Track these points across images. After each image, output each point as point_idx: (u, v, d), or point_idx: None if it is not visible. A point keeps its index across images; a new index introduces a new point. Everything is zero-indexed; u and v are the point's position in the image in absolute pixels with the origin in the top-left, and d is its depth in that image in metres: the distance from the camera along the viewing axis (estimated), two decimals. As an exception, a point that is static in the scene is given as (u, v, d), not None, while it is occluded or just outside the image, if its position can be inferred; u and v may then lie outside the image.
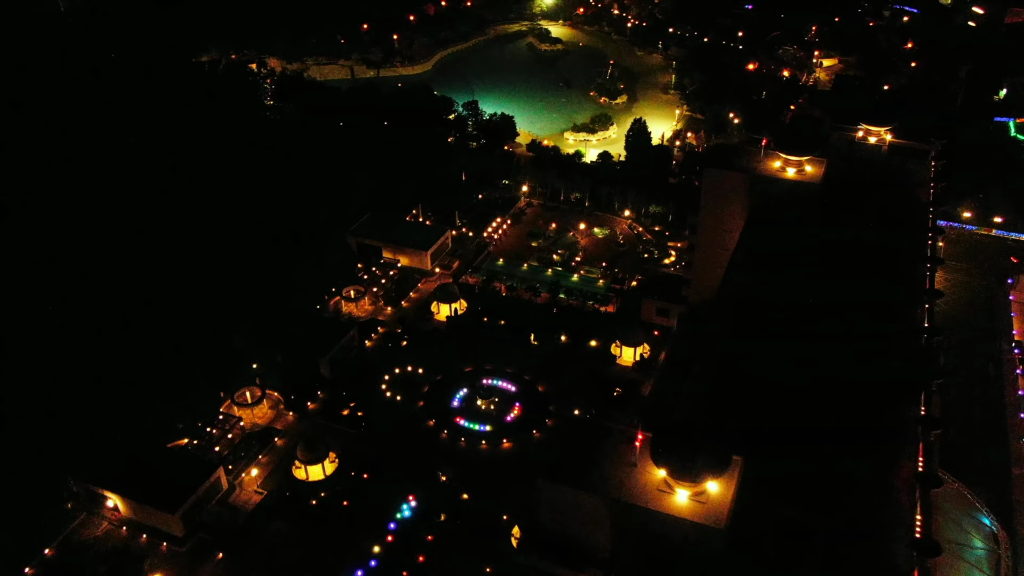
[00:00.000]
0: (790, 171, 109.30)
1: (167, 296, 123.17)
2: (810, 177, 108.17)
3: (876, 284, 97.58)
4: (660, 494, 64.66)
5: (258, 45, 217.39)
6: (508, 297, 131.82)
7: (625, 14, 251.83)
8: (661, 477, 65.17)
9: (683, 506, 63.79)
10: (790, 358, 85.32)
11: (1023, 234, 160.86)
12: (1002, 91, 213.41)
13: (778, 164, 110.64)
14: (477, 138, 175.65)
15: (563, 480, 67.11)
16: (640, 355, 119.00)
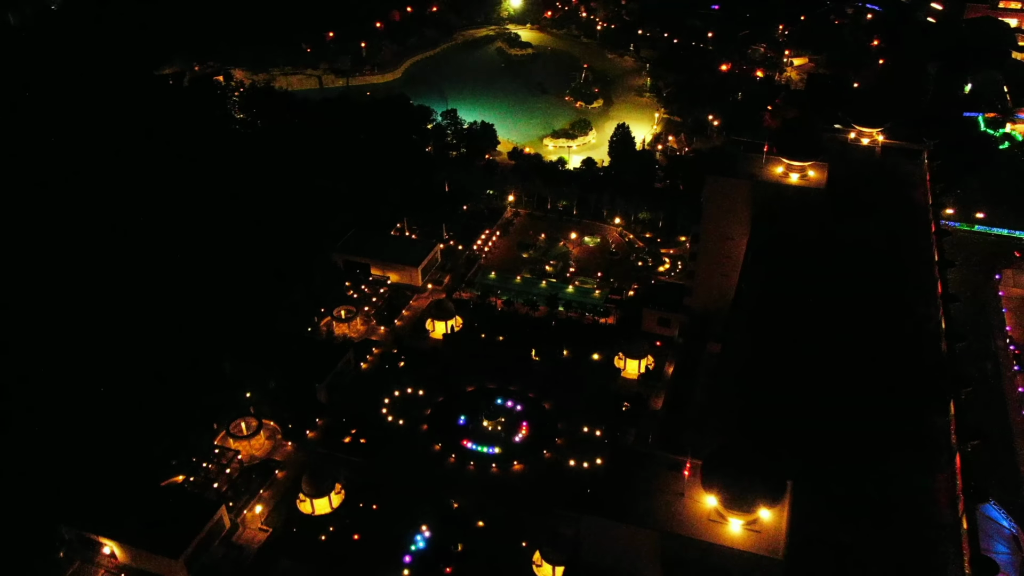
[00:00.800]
0: (793, 176, 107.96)
1: (149, 325, 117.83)
2: (814, 182, 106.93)
3: (888, 291, 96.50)
4: (712, 524, 62.04)
5: (222, 56, 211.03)
6: (505, 312, 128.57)
7: (593, 16, 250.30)
8: (712, 506, 62.56)
9: (737, 536, 61.28)
10: (813, 371, 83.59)
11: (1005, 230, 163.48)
12: (967, 86, 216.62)
13: (780, 170, 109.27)
14: (457, 147, 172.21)
15: (608, 514, 64.08)
16: (645, 367, 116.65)
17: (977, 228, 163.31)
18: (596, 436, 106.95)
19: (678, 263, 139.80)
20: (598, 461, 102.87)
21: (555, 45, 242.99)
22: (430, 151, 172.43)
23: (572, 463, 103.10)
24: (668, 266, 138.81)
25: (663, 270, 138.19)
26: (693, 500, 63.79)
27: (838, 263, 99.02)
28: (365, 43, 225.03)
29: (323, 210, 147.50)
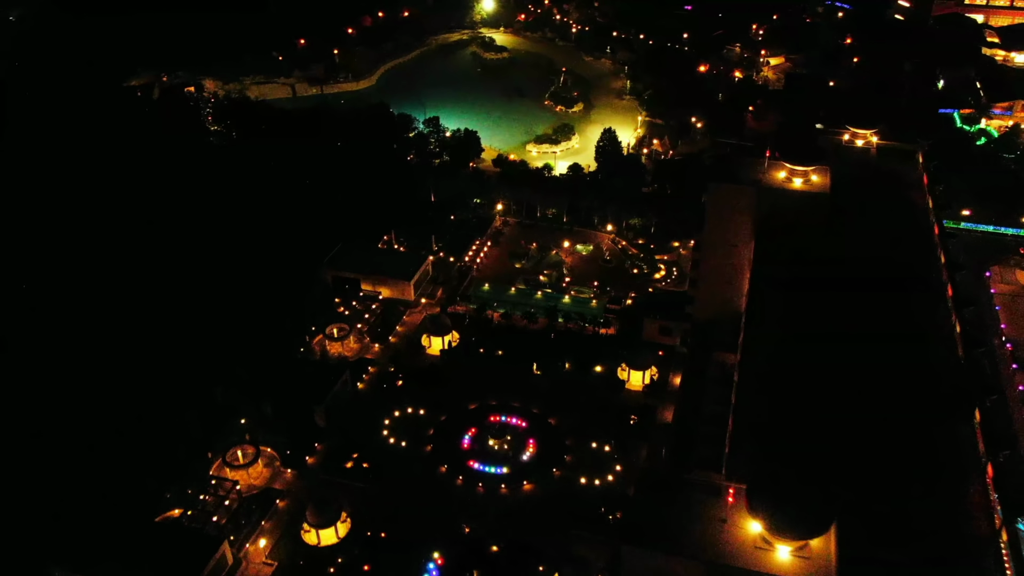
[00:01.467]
0: (797, 181, 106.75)
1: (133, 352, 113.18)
2: (818, 187, 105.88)
3: (899, 297, 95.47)
4: (759, 552, 59.82)
5: (191, 66, 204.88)
6: (502, 325, 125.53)
7: (567, 19, 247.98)
8: (757, 533, 60.34)
9: (786, 564, 59.23)
10: (835, 385, 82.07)
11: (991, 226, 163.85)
12: (939, 82, 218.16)
13: (783, 175, 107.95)
14: (440, 155, 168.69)
15: (650, 545, 61.57)
16: (650, 378, 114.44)
17: (963, 226, 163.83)
18: (605, 451, 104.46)
19: (673, 269, 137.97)
20: (609, 478, 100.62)
21: (530, 49, 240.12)
22: (411, 160, 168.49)
23: (583, 481, 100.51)
24: (664, 273, 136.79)
25: (659, 277, 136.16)
26: (736, 527, 61.62)
27: (846, 269, 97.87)
28: (338, 50, 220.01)
29: (307, 224, 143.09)
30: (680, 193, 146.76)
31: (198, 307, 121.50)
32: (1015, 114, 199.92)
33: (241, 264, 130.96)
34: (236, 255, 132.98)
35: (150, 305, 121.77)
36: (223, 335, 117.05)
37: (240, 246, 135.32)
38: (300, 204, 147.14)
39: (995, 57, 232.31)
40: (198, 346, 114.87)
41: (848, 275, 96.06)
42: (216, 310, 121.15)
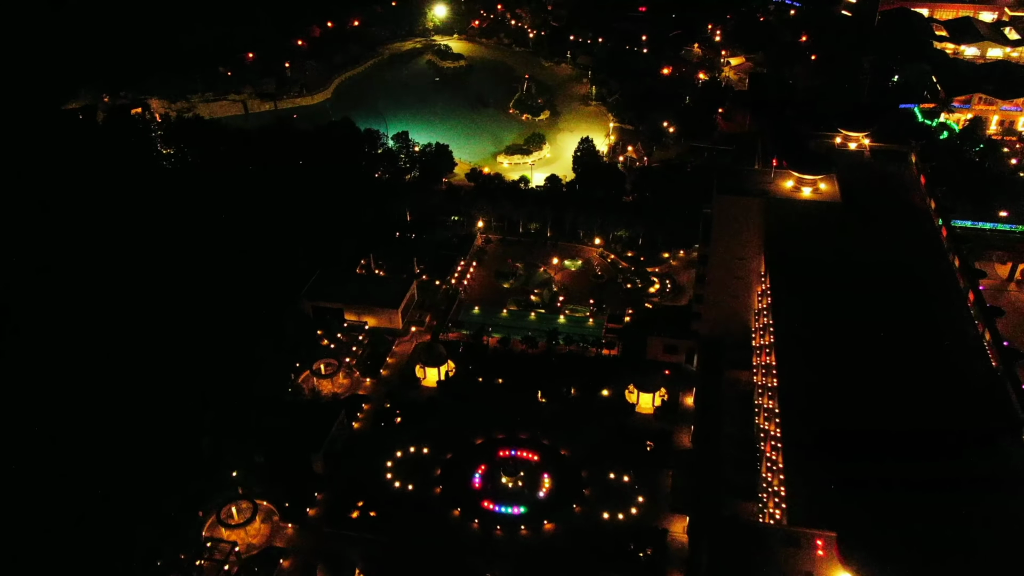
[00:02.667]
0: (805, 191, 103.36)
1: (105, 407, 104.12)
2: (828, 196, 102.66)
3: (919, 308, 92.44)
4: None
5: (134, 85, 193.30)
6: (498, 351, 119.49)
7: (522, 24, 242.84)
8: (850, 587, 55.81)
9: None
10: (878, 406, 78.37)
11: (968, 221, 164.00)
12: (894, 77, 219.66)
13: (790, 184, 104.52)
14: (409, 171, 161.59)
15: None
16: (661, 400, 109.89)
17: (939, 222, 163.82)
18: (625, 482, 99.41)
19: (667, 282, 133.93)
20: (633, 511, 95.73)
21: (487, 55, 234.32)
22: (379, 176, 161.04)
23: (606, 515, 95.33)
24: (658, 286, 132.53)
25: (653, 291, 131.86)
26: (826, 581, 56.99)
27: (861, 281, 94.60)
28: (289, 63, 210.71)
29: (277, 251, 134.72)
30: (664, 202, 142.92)
31: (169, 351, 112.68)
32: (973, 107, 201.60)
33: (210, 299, 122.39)
34: (203, 290, 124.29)
35: (116, 352, 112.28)
36: (200, 379, 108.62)
37: (206, 280, 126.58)
38: (268, 230, 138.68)
39: (945, 51, 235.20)
40: (174, 393, 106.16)
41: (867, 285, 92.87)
42: (189, 352, 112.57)
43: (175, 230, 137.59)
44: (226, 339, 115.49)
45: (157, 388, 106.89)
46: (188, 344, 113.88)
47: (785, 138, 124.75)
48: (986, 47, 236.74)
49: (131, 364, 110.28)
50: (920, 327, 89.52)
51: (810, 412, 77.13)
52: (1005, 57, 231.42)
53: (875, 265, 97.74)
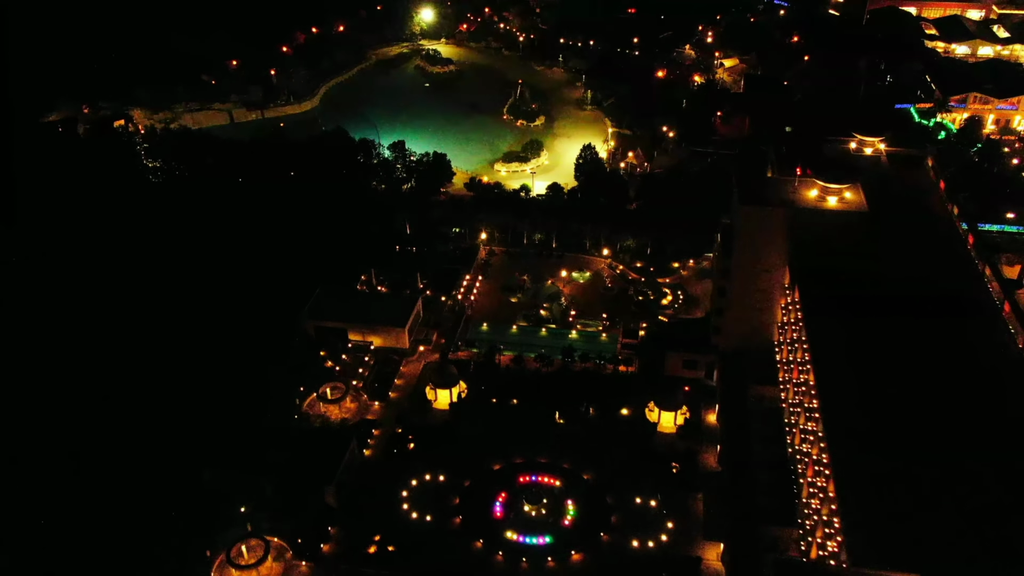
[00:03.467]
0: (831, 200, 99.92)
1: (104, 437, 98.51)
2: (855, 205, 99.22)
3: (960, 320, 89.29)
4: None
5: (115, 96, 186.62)
6: (511, 370, 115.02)
7: (511, 28, 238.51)
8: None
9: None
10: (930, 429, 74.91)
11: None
12: (887, 77, 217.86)
13: (814, 193, 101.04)
14: (407, 181, 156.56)
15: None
16: (684, 419, 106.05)
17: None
18: (652, 507, 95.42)
19: (679, 293, 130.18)
20: (663, 538, 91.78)
21: (477, 60, 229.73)
22: (375, 187, 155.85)
23: (635, 543, 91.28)
24: (670, 298, 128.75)
25: (666, 303, 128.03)
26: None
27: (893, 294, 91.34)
28: (275, 71, 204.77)
29: (274, 268, 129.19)
30: (671, 210, 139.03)
31: (162, 378, 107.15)
32: (969, 106, 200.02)
33: (205, 321, 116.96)
34: (197, 312, 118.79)
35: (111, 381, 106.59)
36: (199, 408, 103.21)
37: (200, 301, 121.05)
38: (263, 246, 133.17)
39: (936, 49, 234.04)
40: (173, 423, 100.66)
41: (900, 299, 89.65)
42: (185, 380, 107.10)
43: (164, 248, 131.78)
44: (225, 364, 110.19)
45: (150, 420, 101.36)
46: (183, 371, 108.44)
47: (800, 144, 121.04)
48: (977, 45, 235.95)
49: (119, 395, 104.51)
50: (959, 343, 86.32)
51: (862, 437, 73.41)
52: (996, 55, 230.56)
53: (905, 277, 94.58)
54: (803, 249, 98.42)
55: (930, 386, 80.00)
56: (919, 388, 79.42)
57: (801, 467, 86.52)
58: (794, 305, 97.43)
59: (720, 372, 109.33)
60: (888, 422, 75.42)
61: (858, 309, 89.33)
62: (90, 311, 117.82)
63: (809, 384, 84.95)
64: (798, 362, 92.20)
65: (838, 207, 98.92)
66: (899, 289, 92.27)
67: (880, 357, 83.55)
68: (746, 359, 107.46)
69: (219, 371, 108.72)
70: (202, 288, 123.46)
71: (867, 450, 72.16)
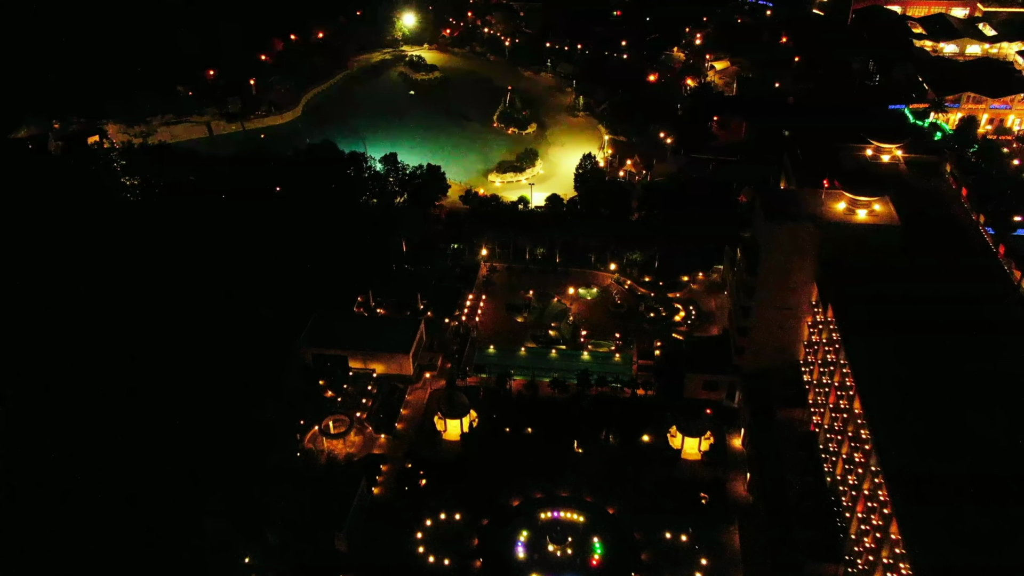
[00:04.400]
0: (860, 213, 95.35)
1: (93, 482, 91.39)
2: (886, 218, 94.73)
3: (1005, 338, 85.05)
4: None
5: (86, 110, 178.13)
6: (523, 396, 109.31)
7: (496, 32, 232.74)
8: None
9: None
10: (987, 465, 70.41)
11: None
12: (876, 77, 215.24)
13: (842, 206, 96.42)
14: (399, 194, 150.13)
15: None
16: (709, 444, 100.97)
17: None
18: (683, 542, 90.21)
19: (691, 309, 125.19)
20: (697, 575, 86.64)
21: (462, 66, 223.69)
22: (366, 202, 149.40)
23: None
24: (683, 314, 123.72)
25: (678, 320, 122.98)
26: None
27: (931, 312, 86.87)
28: (254, 80, 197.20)
29: (265, 290, 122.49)
30: (677, 221, 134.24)
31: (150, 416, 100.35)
32: (963, 106, 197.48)
33: (194, 353, 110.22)
34: (184, 342, 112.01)
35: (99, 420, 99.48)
36: (192, 451, 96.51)
37: (186, 327, 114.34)
38: (251, 267, 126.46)
39: (925, 48, 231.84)
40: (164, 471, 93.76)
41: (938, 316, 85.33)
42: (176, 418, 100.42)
43: (144, 271, 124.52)
44: (218, 400, 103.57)
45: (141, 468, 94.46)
46: (168, 410, 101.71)
47: (816, 152, 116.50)
48: (964, 44, 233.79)
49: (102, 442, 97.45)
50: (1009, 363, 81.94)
51: (921, 474, 68.58)
52: (984, 54, 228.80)
53: (940, 292, 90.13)
54: (832, 265, 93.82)
55: (982, 413, 75.52)
56: (973, 416, 74.86)
57: (846, 500, 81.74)
58: (826, 325, 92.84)
59: (743, 394, 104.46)
60: (947, 455, 70.68)
61: (897, 329, 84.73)
62: (63, 340, 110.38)
63: (854, 413, 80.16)
64: (836, 386, 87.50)
65: (868, 221, 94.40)
66: (936, 305, 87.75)
67: (929, 381, 78.79)
68: (771, 380, 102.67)
69: (210, 409, 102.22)
70: (187, 315, 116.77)
71: (927, 486, 67.35)
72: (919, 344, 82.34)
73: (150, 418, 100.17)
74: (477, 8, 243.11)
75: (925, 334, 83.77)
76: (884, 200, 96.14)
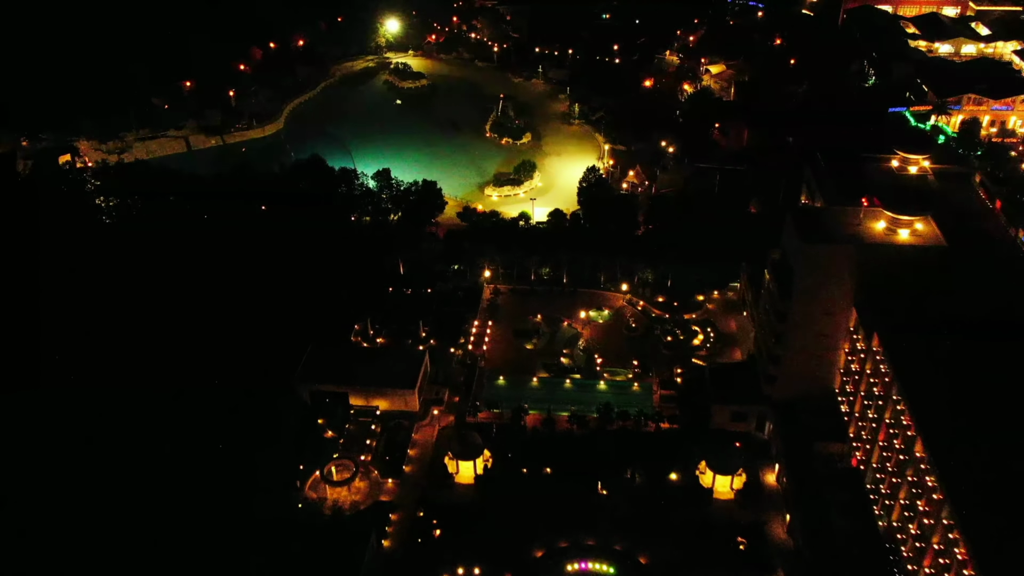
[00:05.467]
0: (902, 233, 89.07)
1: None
2: (930, 239, 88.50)
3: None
4: None
5: (58, 126, 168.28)
6: (539, 432, 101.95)
7: (483, 38, 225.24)
8: None
9: None
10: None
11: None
12: (871, 79, 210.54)
13: (882, 225, 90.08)
14: (393, 212, 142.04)
15: None
16: (743, 482, 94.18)
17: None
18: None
19: (709, 331, 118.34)
20: (742, 632, 79.63)
21: (449, 72, 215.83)
22: (357, 220, 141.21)
23: (711, 641, 79.10)
24: (701, 338, 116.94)
25: (697, 343, 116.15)
26: None
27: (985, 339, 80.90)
28: (233, 91, 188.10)
29: (254, 319, 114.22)
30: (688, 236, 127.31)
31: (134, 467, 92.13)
32: (964, 108, 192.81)
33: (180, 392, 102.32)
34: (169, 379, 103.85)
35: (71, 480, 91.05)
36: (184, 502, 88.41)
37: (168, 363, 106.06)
38: (238, 294, 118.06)
39: (920, 48, 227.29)
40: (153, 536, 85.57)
41: (993, 344, 79.44)
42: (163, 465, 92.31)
43: (121, 299, 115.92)
44: (210, 444, 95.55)
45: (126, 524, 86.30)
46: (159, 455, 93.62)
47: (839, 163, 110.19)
48: (959, 43, 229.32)
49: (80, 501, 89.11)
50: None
51: (1003, 529, 62.19)
52: (980, 53, 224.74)
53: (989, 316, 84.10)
54: (873, 289, 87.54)
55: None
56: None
57: (907, 550, 75.25)
58: (869, 354, 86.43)
59: (775, 425, 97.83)
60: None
61: (955, 361, 78.60)
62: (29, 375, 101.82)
63: (914, 455, 73.65)
64: (888, 423, 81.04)
65: (911, 242, 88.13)
66: (992, 332, 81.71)
67: (996, 419, 72.63)
68: (804, 410, 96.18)
69: (203, 455, 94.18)
70: (169, 348, 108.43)
71: (1010, 542, 60.99)
72: (980, 378, 76.29)
73: (127, 467, 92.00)
74: (462, 12, 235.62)
75: (985, 366, 77.80)
76: (927, 219, 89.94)
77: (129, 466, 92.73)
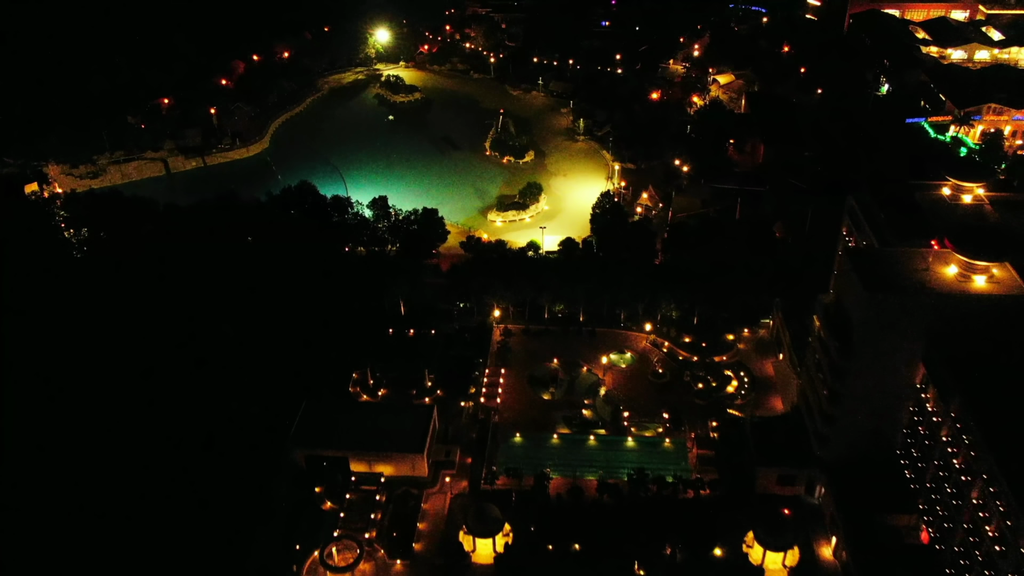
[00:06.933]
0: (978, 280, 78.85)
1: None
2: (1011, 287, 78.29)
3: None
4: None
5: (22, 149, 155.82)
6: (563, 500, 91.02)
7: (476, 47, 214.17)
8: None
9: None
10: None
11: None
12: (883, 87, 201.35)
13: (953, 270, 79.85)
14: (390, 243, 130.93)
15: None
16: (797, 559, 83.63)
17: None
18: None
19: (743, 376, 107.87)
20: None
21: (443, 85, 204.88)
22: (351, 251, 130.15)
23: None
24: (736, 384, 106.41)
25: (731, 391, 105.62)
26: None
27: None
28: (215, 108, 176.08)
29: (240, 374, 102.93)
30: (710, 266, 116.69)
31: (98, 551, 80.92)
32: (984, 118, 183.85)
33: (155, 454, 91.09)
34: (137, 438, 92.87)
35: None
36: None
37: (140, 422, 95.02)
38: (221, 341, 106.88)
39: (931, 55, 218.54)
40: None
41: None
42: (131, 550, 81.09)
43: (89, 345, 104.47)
44: (190, 522, 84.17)
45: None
46: (128, 535, 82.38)
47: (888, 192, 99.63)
48: (973, 49, 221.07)
49: None
50: None
51: None
52: (993, 59, 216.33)
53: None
54: (943, 342, 77.34)
55: None
56: None
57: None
58: (945, 417, 76.10)
59: (828, 490, 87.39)
60: None
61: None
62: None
63: (1013, 544, 63.22)
64: (976, 503, 70.59)
65: (989, 290, 77.87)
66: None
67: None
68: (864, 475, 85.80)
69: (182, 536, 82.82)
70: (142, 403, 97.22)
71: None
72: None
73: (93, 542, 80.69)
74: (454, 21, 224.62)
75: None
76: (1004, 265, 79.76)
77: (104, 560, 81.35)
